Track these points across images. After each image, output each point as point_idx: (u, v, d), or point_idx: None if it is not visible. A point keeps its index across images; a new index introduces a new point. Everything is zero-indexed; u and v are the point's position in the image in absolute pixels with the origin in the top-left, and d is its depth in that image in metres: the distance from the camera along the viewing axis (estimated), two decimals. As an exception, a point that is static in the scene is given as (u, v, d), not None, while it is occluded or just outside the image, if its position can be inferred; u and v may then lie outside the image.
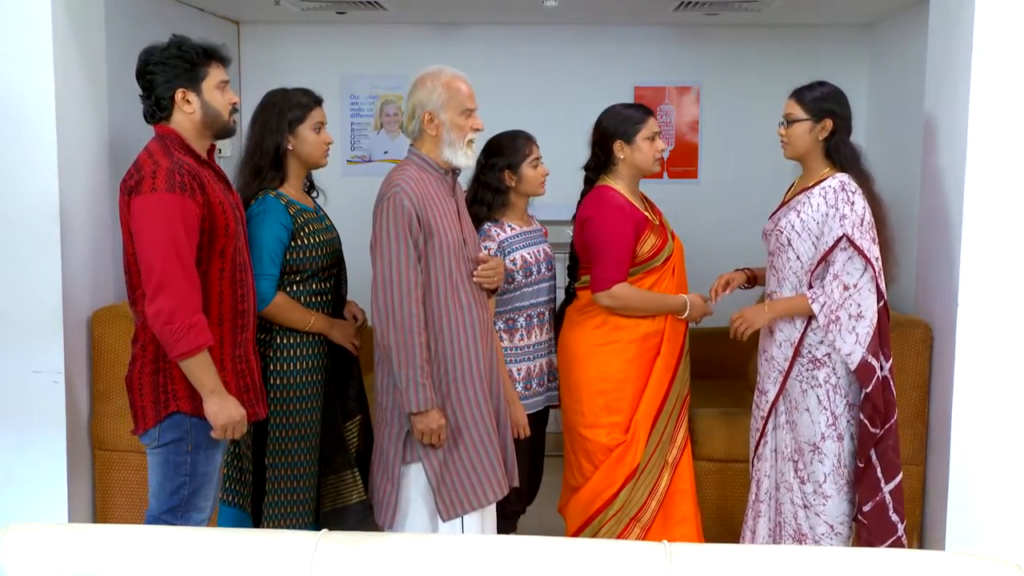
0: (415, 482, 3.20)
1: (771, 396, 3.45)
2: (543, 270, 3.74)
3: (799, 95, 3.45)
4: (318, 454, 3.39)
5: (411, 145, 3.25)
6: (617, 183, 3.67)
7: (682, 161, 5.73)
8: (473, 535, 2.99)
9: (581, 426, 3.67)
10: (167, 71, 2.95)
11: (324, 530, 1.91)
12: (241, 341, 3.06)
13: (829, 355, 3.33)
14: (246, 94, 5.52)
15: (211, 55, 2.99)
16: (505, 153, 3.72)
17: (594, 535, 3.65)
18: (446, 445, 3.15)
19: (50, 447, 3.70)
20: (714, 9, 5.02)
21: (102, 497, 3.96)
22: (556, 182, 3.88)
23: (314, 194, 3.54)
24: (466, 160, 3.20)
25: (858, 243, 3.24)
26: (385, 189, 3.11)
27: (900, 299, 4.67)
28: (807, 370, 3.36)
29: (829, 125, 3.39)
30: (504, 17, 5.59)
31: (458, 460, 3.16)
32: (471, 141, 3.19)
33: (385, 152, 5.70)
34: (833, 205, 3.29)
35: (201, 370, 2.86)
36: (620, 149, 3.64)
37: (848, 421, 3.37)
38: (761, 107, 5.65)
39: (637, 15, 5.50)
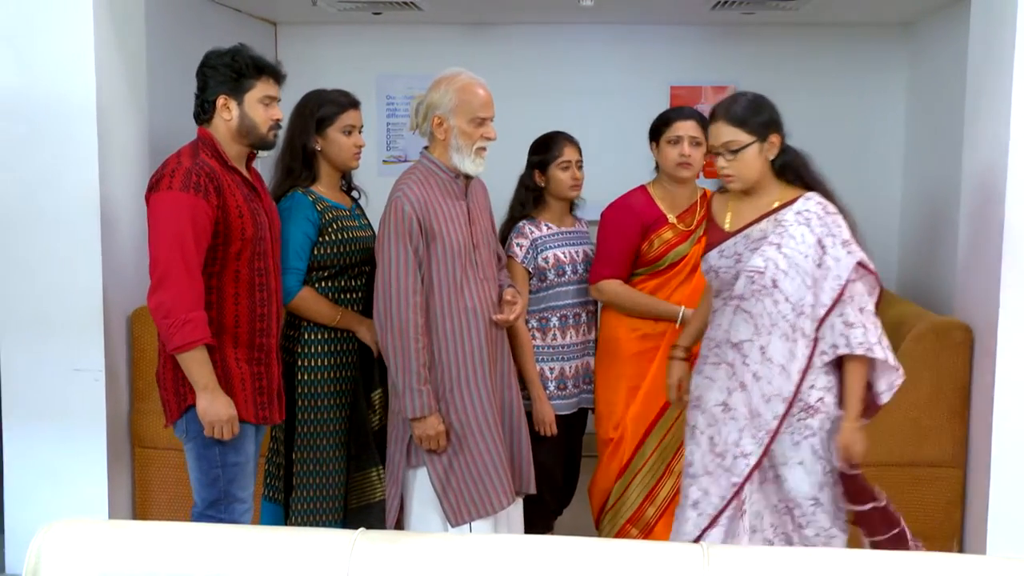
0: (421, 487, 3.21)
1: (753, 460, 2.96)
2: (579, 271, 3.73)
3: (732, 117, 2.95)
4: (346, 450, 3.41)
5: (424, 148, 3.26)
6: (653, 184, 3.70)
7: (718, 161, 5.70)
8: (513, 535, 2.98)
9: (595, 417, 3.78)
10: (216, 75, 3.03)
11: (361, 529, 1.92)
12: (260, 345, 3.08)
13: (822, 399, 2.93)
14: (282, 94, 5.54)
15: (262, 69, 3.05)
16: (539, 152, 3.74)
17: (600, 531, 3.75)
18: (450, 451, 3.15)
19: (91, 444, 3.74)
20: (751, 8, 4.98)
21: (142, 494, 4.00)
22: (590, 181, 3.88)
23: (354, 194, 3.57)
24: (474, 168, 3.18)
25: (869, 265, 2.89)
26: (391, 194, 3.14)
27: (940, 300, 4.62)
28: (798, 420, 2.93)
29: (777, 141, 2.98)
30: (540, 17, 5.58)
31: (462, 466, 3.16)
32: (481, 149, 3.17)
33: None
34: (828, 233, 2.89)
35: (195, 365, 2.91)
36: (653, 149, 3.66)
37: (836, 466, 3.00)
38: (798, 107, 5.57)
39: (673, 14, 5.47)
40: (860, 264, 2.87)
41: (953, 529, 3.86)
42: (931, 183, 5.09)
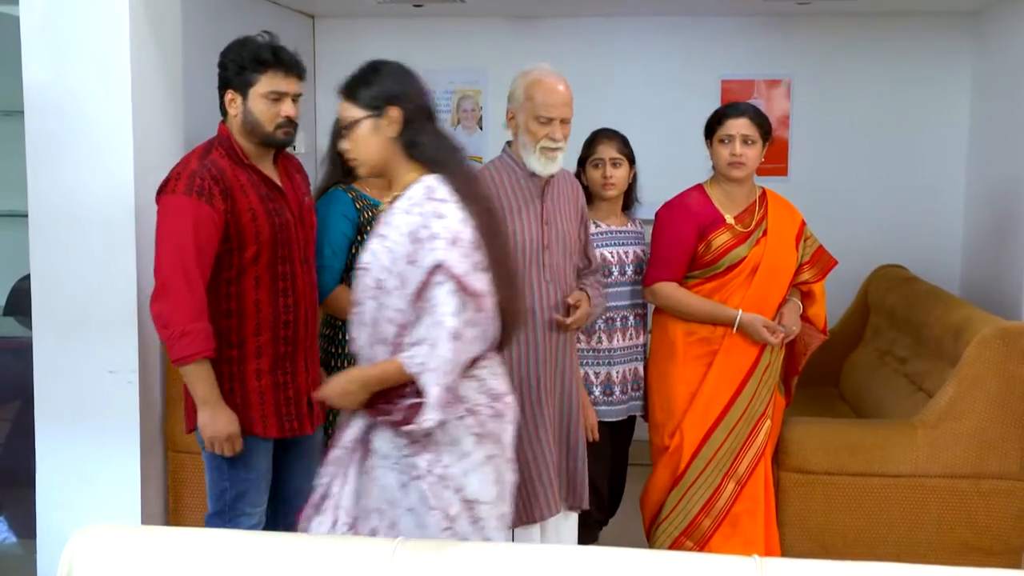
0: None
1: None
2: (628, 272, 3.71)
3: (345, 90, 2.67)
4: None
5: (507, 142, 3.28)
6: (710, 183, 3.67)
7: (771, 157, 5.61)
8: (558, 546, 2.97)
9: (649, 424, 3.76)
10: (225, 71, 3.01)
11: (401, 537, 1.92)
12: (285, 353, 3.05)
13: (432, 433, 2.51)
14: (321, 89, 5.58)
15: (265, 63, 2.96)
16: (582, 149, 3.76)
17: (652, 542, 3.72)
18: None
19: (124, 448, 3.77)
20: (807, -3, 4.94)
21: (175, 499, 4.03)
22: (640, 180, 3.86)
23: None
24: (540, 167, 3.18)
25: (456, 272, 2.43)
26: None
27: (1007, 304, 4.55)
28: (404, 455, 2.53)
29: (397, 115, 2.59)
30: (586, 9, 5.56)
31: None
32: (546, 149, 3.16)
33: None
34: (423, 224, 2.47)
35: (194, 378, 2.90)
36: (708, 147, 3.64)
37: (470, 521, 2.55)
38: (856, 101, 5.56)
39: (725, 5, 5.44)
40: (445, 269, 2.43)
41: (1020, 544, 3.80)
42: (997, 180, 5.01)
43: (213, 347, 2.89)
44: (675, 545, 3.63)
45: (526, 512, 3.17)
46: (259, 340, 3.00)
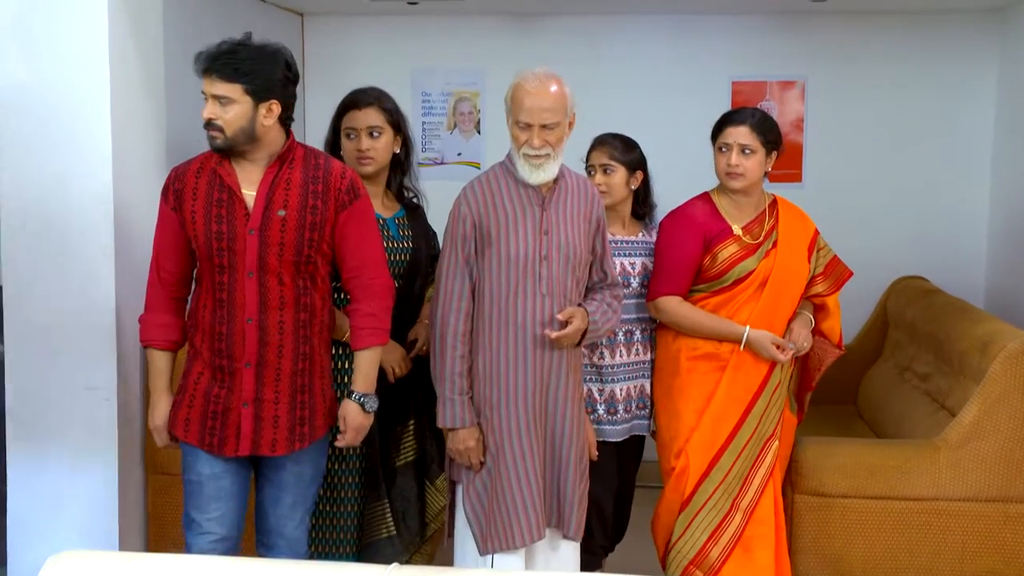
0: (460, 504, 3.28)
1: None
2: (634, 284, 3.69)
3: None
4: (361, 478, 3.43)
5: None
6: (717, 192, 3.67)
7: (784, 163, 5.63)
8: (559, 572, 2.96)
9: (657, 444, 3.75)
10: None
11: (395, 564, 1.91)
12: (221, 366, 3.04)
13: None
14: (310, 91, 5.59)
15: (200, 64, 3.02)
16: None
17: (666, 568, 3.70)
18: (484, 472, 3.20)
19: (101, 469, 3.75)
20: (822, -6, 4.95)
21: (155, 524, 4.02)
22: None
23: (410, 196, 3.59)
24: (525, 175, 3.17)
25: None
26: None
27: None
28: None
29: None
30: (589, 7, 5.57)
31: (493, 492, 3.18)
32: (528, 156, 3.14)
33: (459, 154, 5.72)
34: None
35: (148, 365, 3.24)
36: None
37: None
38: (874, 103, 5.56)
39: (735, 3, 5.44)
40: None
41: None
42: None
43: (158, 339, 3.17)
44: (684, 574, 3.62)
45: (505, 537, 3.16)
46: (202, 347, 3.09)
